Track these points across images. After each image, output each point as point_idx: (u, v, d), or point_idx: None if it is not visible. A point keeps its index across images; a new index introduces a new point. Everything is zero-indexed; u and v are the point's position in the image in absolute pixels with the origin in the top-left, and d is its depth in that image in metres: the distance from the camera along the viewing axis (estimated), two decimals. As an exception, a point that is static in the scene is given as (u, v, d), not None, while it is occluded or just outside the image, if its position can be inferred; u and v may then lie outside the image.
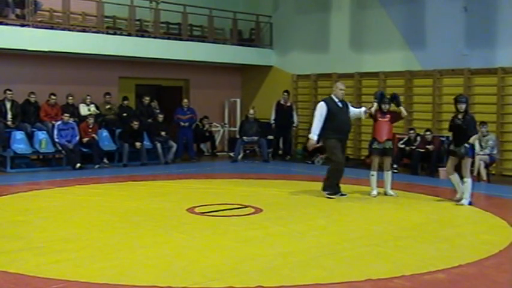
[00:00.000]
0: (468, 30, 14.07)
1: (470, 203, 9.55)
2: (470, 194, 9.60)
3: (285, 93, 16.89)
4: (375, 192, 10.34)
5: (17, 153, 13.60)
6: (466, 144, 9.61)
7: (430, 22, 14.80)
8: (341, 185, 10.30)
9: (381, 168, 10.42)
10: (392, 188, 10.43)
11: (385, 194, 10.37)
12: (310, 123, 16.66)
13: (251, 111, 16.69)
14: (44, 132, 14.13)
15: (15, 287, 5.17)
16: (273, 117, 16.88)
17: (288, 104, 16.88)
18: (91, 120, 14.50)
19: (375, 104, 10.48)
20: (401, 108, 10.68)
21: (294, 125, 16.94)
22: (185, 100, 16.81)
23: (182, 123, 16.10)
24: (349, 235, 7.35)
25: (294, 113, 16.95)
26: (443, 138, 13.91)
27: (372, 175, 10.41)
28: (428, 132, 13.73)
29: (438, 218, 8.54)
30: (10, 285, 5.20)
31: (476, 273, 5.77)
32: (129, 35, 15.93)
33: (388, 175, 10.39)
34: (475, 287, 5.42)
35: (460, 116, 9.78)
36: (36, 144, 13.94)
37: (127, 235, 7.21)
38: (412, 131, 14.19)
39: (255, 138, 16.35)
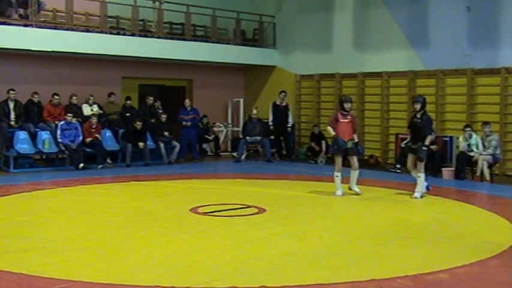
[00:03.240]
0: (471, 30, 14.05)
1: (421, 196, 10.07)
2: (422, 187, 10.15)
3: (282, 93, 16.87)
4: (339, 192, 10.30)
5: (20, 153, 13.61)
6: (424, 147, 10.01)
7: (433, 22, 14.78)
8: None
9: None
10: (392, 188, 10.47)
11: (350, 188, 10.46)
12: (313, 124, 16.92)
13: (254, 112, 16.68)
14: (47, 132, 14.14)
15: (19, 287, 5.18)
16: (270, 118, 16.85)
17: (284, 104, 16.86)
18: (94, 120, 14.51)
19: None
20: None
21: (289, 125, 16.86)
22: (187, 100, 16.78)
23: (185, 123, 16.11)
24: (352, 235, 7.35)
25: (290, 113, 16.90)
26: (447, 139, 13.89)
27: (337, 176, 10.35)
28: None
29: (441, 218, 8.53)
30: (14, 285, 5.21)
31: (480, 273, 5.77)
32: (133, 35, 15.94)
33: (354, 174, 10.42)
34: (478, 287, 5.42)
35: (418, 115, 10.20)
36: (40, 144, 13.96)
37: (130, 235, 7.22)
38: (415, 131, 14.16)
39: (258, 138, 16.36)
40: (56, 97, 14.54)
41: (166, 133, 15.46)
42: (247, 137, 16.30)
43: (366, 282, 5.34)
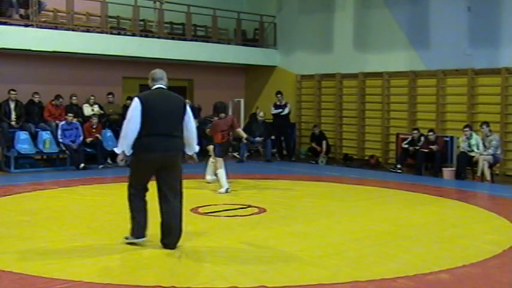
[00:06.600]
0: (472, 30, 14.06)
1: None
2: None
3: (279, 95, 16.96)
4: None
5: (21, 153, 13.62)
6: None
7: (434, 22, 14.78)
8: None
9: None
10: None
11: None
12: (314, 124, 16.93)
13: (261, 114, 16.73)
14: (48, 132, 14.17)
15: (20, 287, 5.19)
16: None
17: (283, 103, 16.92)
18: (95, 120, 14.53)
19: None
20: None
21: (283, 113, 16.92)
22: (187, 101, 16.78)
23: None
24: (352, 235, 7.35)
25: (287, 108, 16.91)
26: (448, 139, 13.90)
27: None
28: (431, 133, 13.70)
29: (442, 218, 8.53)
30: (15, 285, 5.21)
31: (480, 273, 5.76)
32: (133, 35, 15.96)
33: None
34: (478, 287, 5.42)
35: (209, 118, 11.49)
36: (40, 145, 13.98)
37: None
38: (415, 131, 14.18)
39: (260, 139, 16.43)
40: (60, 100, 14.58)
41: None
42: (251, 139, 16.43)
43: (366, 282, 5.34)
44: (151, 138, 6.28)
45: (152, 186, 6.60)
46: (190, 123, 6.61)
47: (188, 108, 6.63)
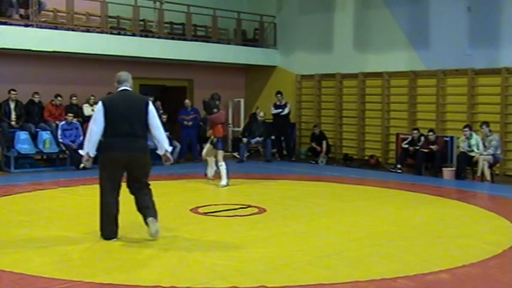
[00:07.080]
0: (472, 30, 14.05)
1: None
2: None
3: (279, 95, 16.96)
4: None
5: (21, 153, 13.62)
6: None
7: (434, 22, 14.78)
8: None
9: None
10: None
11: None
12: (314, 124, 16.93)
13: (261, 114, 16.73)
14: (48, 132, 14.17)
15: (20, 287, 5.19)
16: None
17: (283, 103, 16.92)
18: (95, 121, 14.51)
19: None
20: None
21: (283, 113, 16.93)
22: (187, 101, 16.83)
23: (186, 123, 16.15)
24: (352, 235, 7.35)
25: (287, 108, 16.90)
26: (448, 139, 13.90)
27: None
28: (431, 133, 13.70)
29: (442, 218, 8.53)
30: (15, 285, 5.22)
31: (480, 273, 5.77)
32: (133, 35, 15.95)
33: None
34: (478, 287, 5.42)
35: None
36: (40, 145, 13.98)
37: (130, 235, 7.21)
38: (415, 131, 14.18)
39: (260, 139, 16.45)
40: (59, 98, 14.59)
41: (166, 133, 15.44)
42: (252, 140, 16.45)
43: (366, 282, 5.34)
44: (115, 139, 6.66)
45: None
46: (155, 123, 6.92)
47: (151, 109, 6.90)
